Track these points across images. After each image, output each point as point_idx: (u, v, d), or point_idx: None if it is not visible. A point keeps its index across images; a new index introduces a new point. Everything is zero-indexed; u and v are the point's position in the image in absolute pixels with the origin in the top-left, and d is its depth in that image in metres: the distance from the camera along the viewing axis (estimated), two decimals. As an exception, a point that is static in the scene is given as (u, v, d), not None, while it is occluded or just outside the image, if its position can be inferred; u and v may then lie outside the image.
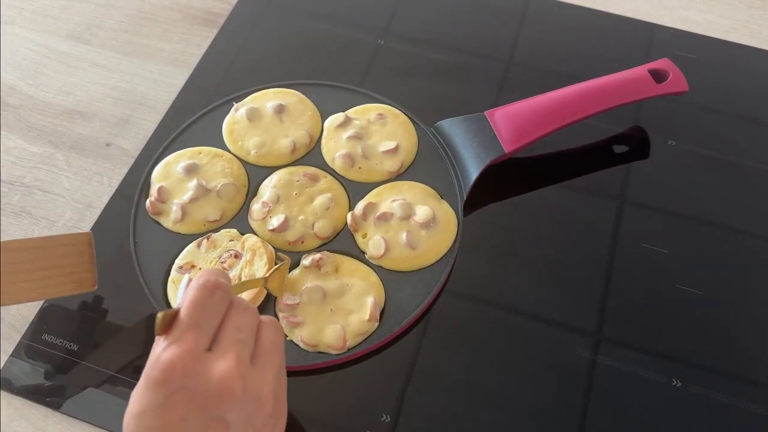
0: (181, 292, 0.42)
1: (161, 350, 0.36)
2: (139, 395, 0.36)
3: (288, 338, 0.54)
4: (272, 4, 0.77)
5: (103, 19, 0.76)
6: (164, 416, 0.35)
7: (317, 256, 0.56)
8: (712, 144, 0.65)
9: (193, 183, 0.60)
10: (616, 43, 0.72)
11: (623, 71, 0.63)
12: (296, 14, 0.76)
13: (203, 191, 0.59)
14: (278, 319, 0.55)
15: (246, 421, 0.36)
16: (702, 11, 0.75)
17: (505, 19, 0.74)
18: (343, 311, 0.54)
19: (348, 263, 0.57)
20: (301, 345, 0.53)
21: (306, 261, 0.56)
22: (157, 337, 0.37)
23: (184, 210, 0.59)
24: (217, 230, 0.58)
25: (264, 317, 0.41)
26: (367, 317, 0.54)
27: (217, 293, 0.38)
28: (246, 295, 0.54)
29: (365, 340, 0.54)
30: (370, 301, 0.54)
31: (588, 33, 0.73)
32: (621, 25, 0.74)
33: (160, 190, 0.60)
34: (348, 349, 0.53)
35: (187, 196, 0.59)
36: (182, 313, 0.37)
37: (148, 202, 0.60)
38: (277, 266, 0.53)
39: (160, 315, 0.36)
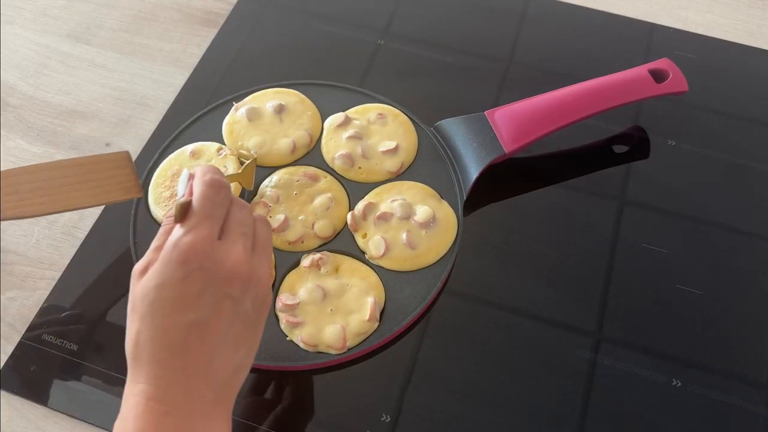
0: (182, 184, 0.46)
1: (181, 235, 0.40)
2: (158, 272, 0.40)
3: (288, 338, 0.54)
4: (272, 4, 0.76)
5: (103, 19, 0.76)
6: (183, 289, 0.40)
7: (317, 256, 0.56)
8: (712, 144, 0.65)
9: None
10: (616, 43, 0.72)
11: (623, 71, 0.63)
12: (296, 14, 0.76)
13: None
14: (278, 320, 0.55)
15: (247, 299, 0.42)
16: (702, 11, 0.75)
17: (505, 19, 0.74)
18: (343, 311, 0.54)
19: (348, 263, 0.57)
20: (301, 345, 0.53)
21: (306, 261, 0.56)
22: (176, 225, 0.42)
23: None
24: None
25: (256, 215, 0.46)
26: (367, 317, 0.54)
27: (223, 191, 0.43)
28: None
29: (365, 340, 0.54)
30: (370, 301, 0.54)
31: (588, 33, 0.73)
32: (621, 25, 0.74)
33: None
34: (348, 349, 0.53)
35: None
36: (196, 206, 0.42)
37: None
38: (247, 162, 0.58)
39: (178, 204, 0.41)
